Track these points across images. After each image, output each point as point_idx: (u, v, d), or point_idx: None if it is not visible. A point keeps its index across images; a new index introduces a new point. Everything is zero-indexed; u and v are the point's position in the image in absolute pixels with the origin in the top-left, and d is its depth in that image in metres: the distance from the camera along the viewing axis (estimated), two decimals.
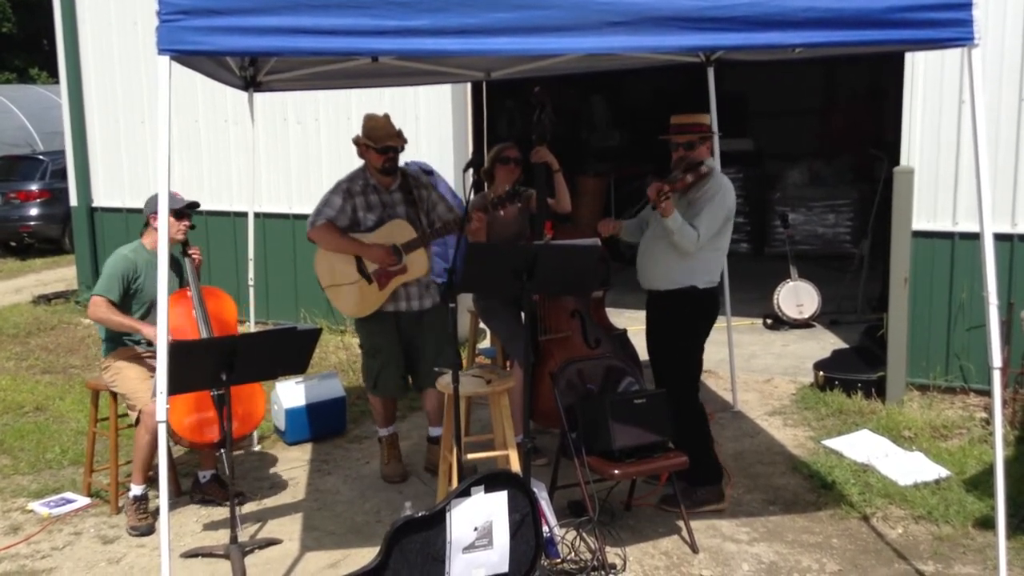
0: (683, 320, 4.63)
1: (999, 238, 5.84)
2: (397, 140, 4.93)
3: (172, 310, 4.67)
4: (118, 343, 4.84)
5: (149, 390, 4.65)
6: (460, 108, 7.83)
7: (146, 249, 4.89)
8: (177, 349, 3.82)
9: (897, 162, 6.31)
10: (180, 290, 4.86)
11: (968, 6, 3.30)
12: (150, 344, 4.67)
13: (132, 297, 4.81)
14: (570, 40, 3.24)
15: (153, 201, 4.84)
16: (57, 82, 9.99)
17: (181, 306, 4.76)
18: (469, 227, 4.82)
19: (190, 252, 4.88)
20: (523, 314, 4.48)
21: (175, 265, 4.91)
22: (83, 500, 5.01)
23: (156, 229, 4.82)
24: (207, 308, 4.80)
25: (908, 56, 6.14)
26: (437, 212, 5.08)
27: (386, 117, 4.97)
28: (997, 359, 3.54)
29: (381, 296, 4.93)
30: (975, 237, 6.01)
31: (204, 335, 4.68)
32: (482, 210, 4.87)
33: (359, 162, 8.07)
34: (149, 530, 4.61)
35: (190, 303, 4.76)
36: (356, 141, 4.99)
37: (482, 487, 3.63)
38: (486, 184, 5.37)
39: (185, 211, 4.85)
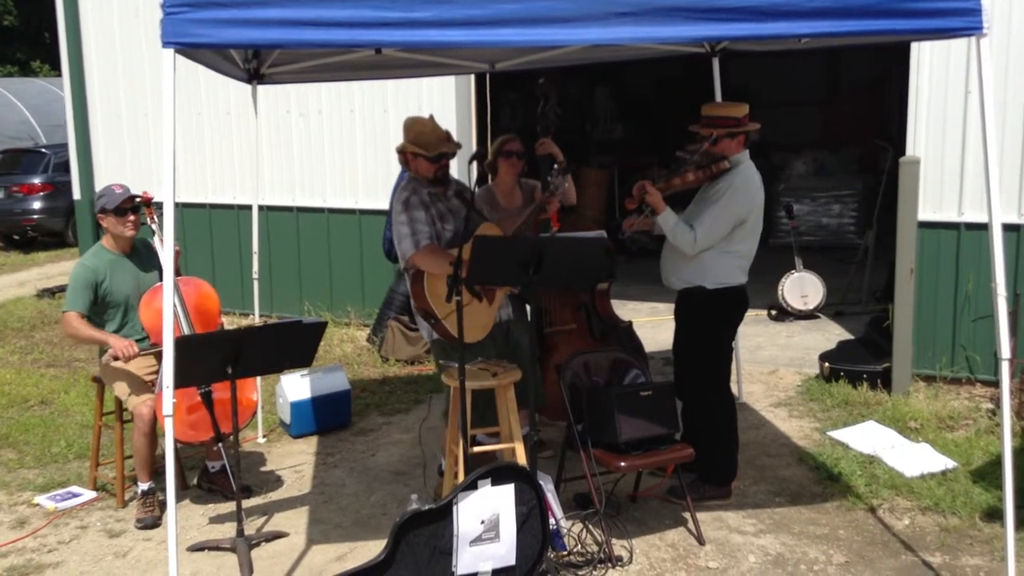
0: (695, 319, 4.60)
1: (1006, 228, 5.82)
2: (451, 146, 4.53)
3: (149, 308, 4.65)
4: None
5: (140, 391, 4.64)
6: (464, 100, 7.80)
7: (107, 250, 4.81)
8: (183, 344, 3.82)
9: (902, 152, 6.28)
10: (157, 286, 4.71)
11: None
12: (117, 360, 4.61)
13: (104, 303, 4.74)
14: (576, 31, 3.22)
15: (97, 199, 4.78)
16: (59, 75, 9.99)
17: (159, 302, 4.54)
18: (545, 215, 4.64)
19: (163, 243, 4.77)
20: (528, 307, 4.46)
21: (144, 259, 4.86)
22: (89, 494, 5.01)
23: (106, 228, 4.78)
24: (187, 301, 4.71)
25: (914, 46, 6.11)
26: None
27: (432, 120, 4.60)
28: (1006, 350, 3.52)
29: (492, 311, 4.55)
30: (981, 227, 5.99)
31: (185, 330, 4.61)
32: (550, 195, 4.60)
33: (362, 154, 7.91)
34: (155, 523, 4.61)
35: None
36: (402, 150, 4.59)
37: (489, 480, 3.62)
38: (490, 176, 5.35)
39: (125, 207, 4.70)
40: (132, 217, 4.73)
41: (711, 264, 4.48)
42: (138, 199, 4.76)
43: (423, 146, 4.50)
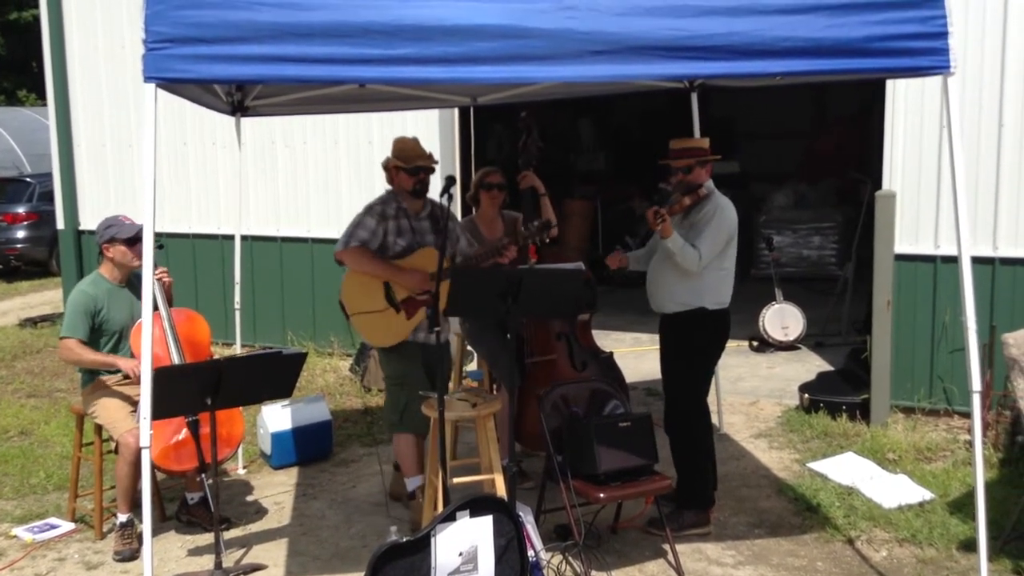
0: (693, 341, 4.67)
1: (981, 261, 5.92)
2: (428, 161, 4.84)
3: (141, 336, 4.65)
4: (96, 373, 4.81)
5: (127, 420, 4.64)
6: (448, 132, 7.87)
7: (105, 279, 4.83)
8: (162, 375, 3.82)
9: (880, 185, 6.37)
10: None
11: (943, 36, 3.36)
12: (126, 377, 4.62)
13: (99, 330, 4.75)
14: (552, 69, 3.28)
15: (104, 229, 4.79)
16: (45, 104, 10.01)
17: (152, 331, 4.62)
18: (500, 260, 4.79)
19: (157, 274, 4.76)
20: (509, 337, 4.49)
21: (138, 290, 4.84)
22: (67, 525, 4.98)
23: (112, 258, 4.81)
24: (178, 331, 4.74)
25: (889, 82, 6.22)
26: (460, 245, 4.96)
27: (415, 140, 4.91)
28: (977, 383, 3.57)
29: (408, 326, 4.77)
30: (957, 260, 6.07)
31: (176, 360, 4.62)
32: (513, 243, 4.82)
33: (347, 184, 8.03)
34: (133, 555, 4.59)
35: (161, 327, 4.68)
36: (386, 164, 4.89)
37: (467, 512, 3.63)
38: (473, 208, 5.41)
39: (138, 237, 4.69)
40: (142, 248, 4.74)
41: (710, 284, 4.62)
42: None
43: (403, 159, 4.81)
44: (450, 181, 4.17)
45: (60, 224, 9.73)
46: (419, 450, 4.87)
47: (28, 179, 14.93)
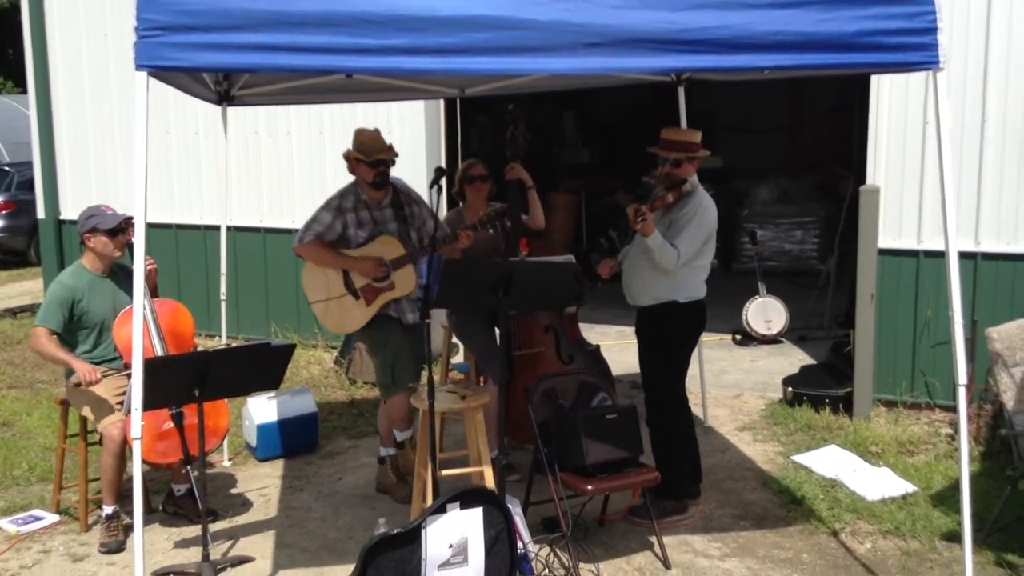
0: (666, 334, 4.71)
1: (963, 256, 5.95)
2: (388, 153, 4.91)
3: (124, 328, 4.62)
4: None
5: (110, 411, 4.61)
6: (433, 124, 7.86)
7: (87, 270, 4.81)
8: (150, 366, 3.80)
9: (863, 181, 6.42)
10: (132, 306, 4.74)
11: (933, 31, 3.39)
12: (77, 384, 4.59)
13: (79, 322, 4.72)
14: (547, 60, 3.29)
15: (86, 219, 4.76)
16: (22, 92, 9.90)
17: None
18: (456, 245, 4.83)
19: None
20: (498, 330, 4.49)
21: (121, 281, 4.84)
22: (52, 517, 4.95)
23: (93, 248, 4.78)
24: (162, 323, 4.70)
25: (874, 77, 6.25)
26: (427, 229, 5.03)
27: (376, 131, 4.96)
28: (963, 376, 3.61)
29: (368, 313, 4.89)
30: (940, 255, 6.11)
31: (159, 351, 4.59)
32: (470, 229, 4.86)
33: (331, 175, 8.04)
34: (119, 547, 4.57)
35: (144, 318, 4.64)
36: (347, 156, 4.96)
37: (457, 504, 3.64)
38: (460, 201, 5.41)
39: (120, 227, 4.73)
40: (124, 238, 4.74)
41: (684, 279, 4.65)
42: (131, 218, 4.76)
43: (363, 152, 4.89)
44: (440, 172, 4.19)
45: (40, 214, 9.62)
46: (409, 407, 5.04)
47: (7, 168, 14.77)
